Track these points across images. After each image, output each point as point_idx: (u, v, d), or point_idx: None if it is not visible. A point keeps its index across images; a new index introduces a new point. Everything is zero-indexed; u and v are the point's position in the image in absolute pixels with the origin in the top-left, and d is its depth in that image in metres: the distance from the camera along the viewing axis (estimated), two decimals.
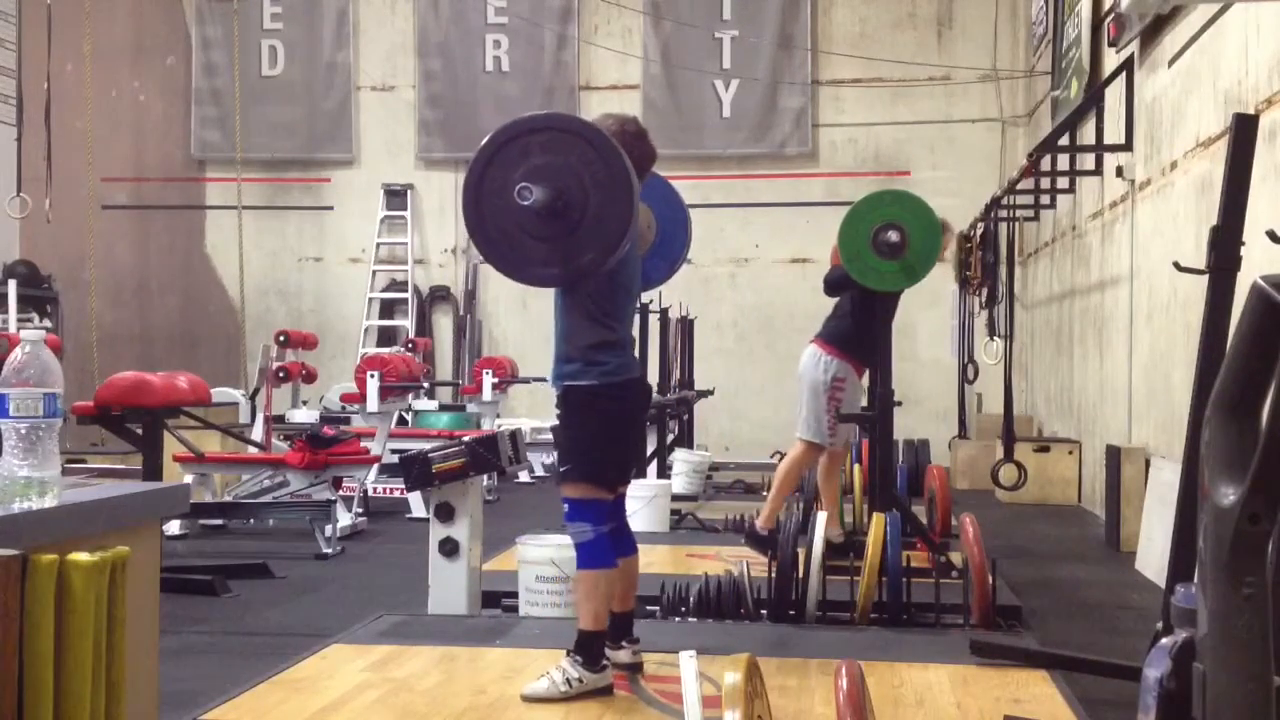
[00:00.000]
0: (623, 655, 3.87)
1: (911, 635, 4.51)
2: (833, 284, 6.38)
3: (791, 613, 4.67)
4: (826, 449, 6.26)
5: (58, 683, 1.92)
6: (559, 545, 4.77)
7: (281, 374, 9.73)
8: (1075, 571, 6.75)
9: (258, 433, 8.89)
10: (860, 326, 6.15)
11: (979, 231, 10.25)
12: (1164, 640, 1.74)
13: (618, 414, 3.81)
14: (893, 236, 5.75)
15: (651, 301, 9.41)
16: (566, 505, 3.79)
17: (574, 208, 3.55)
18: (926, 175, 13.38)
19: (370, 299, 14.17)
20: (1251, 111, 5.23)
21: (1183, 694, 1.61)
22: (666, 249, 4.45)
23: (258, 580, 6.24)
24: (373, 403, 9.05)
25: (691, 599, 4.80)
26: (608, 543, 3.76)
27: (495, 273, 3.83)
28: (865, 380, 6.38)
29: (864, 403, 6.36)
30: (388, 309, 14.24)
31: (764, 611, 4.74)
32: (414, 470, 4.60)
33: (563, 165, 3.55)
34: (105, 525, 2.28)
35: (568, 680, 3.63)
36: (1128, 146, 8.16)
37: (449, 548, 4.68)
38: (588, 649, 3.68)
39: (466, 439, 4.75)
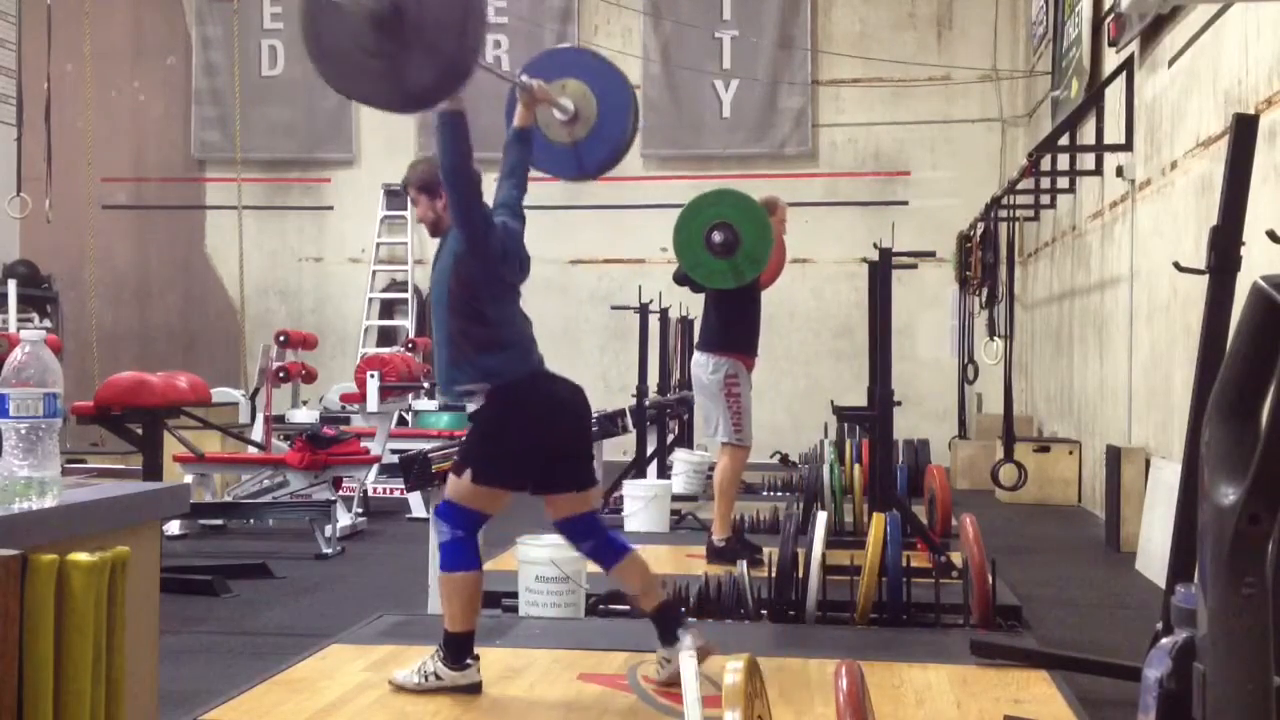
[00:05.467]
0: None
1: (911, 635, 4.51)
2: (679, 281, 6.40)
3: (791, 613, 4.67)
4: (746, 447, 6.20)
5: (58, 683, 1.91)
6: (559, 545, 4.77)
7: (281, 374, 9.73)
8: (1075, 571, 6.75)
9: (258, 433, 8.89)
10: (731, 322, 6.13)
11: (979, 231, 10.25)
12: (1164, 640, 1.74)
13: (513, 416, 3.74)
14: (715, 237, 5.80)
15: (651, 302, 9.41)
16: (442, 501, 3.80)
17: (407, 18, 3.23)
18: (926, 175, 13.40)
19: (370, 299, 14.17)
20: (1251, 111, 5.23)
21: (1183, 694, 1.61)
22: (606, 129, 4.28)
23: (258, 580, 6.24)
24: (373, 403, 9.04)
25: (691, 599, 4.80)
26: (463, 547, 3.72)
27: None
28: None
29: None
30: (388, 309, 14.24)
31: (764, 611, 4.74)
32: (414, 470, 4.60)
33: None
34: (105, 525, 2.28)
35: (425, 675, 3.67)
36: (1128, 146, 8.16)
37: None
38: (449, 647, 3.69)
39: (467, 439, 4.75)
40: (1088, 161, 9.28)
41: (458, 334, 3.73)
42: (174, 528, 7.36)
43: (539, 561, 4.70)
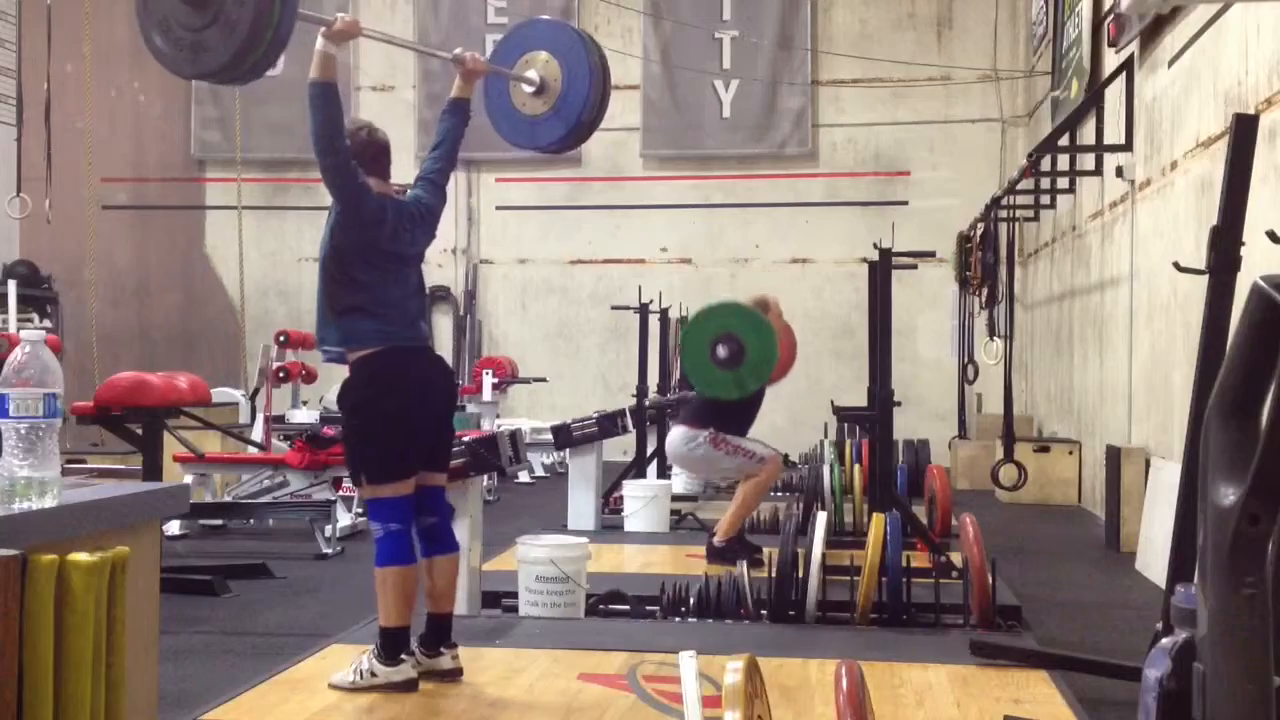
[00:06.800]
0: (444, 661, 3.82)
1: (911, 635, 4.51)
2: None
3: (791, 613, 4.67)
4: (773, 457, 6.17)
5: (58, 683, 1.91)
6: (559, 545, 4.78)
7: (281, 374, 9.72)
8: (1075, 571, 6.75)
9: (258, 433, 8.89)
10: (728, 410, 6.08)
11: (979, 231, 10.25)
12: (1164, 640, 1.73)
13: (386, 397, 3.72)
14: (720, 351, 5.85)
15: (651, 302, 9.41)
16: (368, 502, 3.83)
17: None
18: (926, 175, 13.39)
19: None
20: (1251, 111, 5.23)
21: (1183, 694, 1.60)
22: (566, 109, 4.23)
23: (258, 580, 6.24)
24: None
25: (691, 599, 4.80)
26: (399, 541, 3.72)
27: (495, 274, 3.83)
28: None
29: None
30: None
31: (764, 611, 4.74)
32: None
33: None
34: (105, 525, 2.28)
35: (360, 672, 3.67)
36: (1128, 146, 8.16)
37: None
38: (384, 644, 3.70)
39: (466, 439, 4.75)
40: (1088, 162, 9.28)
41: (328, 295, 3.78)
42: (174, 528, 7.35)
43: (539, 561, 4.70)
